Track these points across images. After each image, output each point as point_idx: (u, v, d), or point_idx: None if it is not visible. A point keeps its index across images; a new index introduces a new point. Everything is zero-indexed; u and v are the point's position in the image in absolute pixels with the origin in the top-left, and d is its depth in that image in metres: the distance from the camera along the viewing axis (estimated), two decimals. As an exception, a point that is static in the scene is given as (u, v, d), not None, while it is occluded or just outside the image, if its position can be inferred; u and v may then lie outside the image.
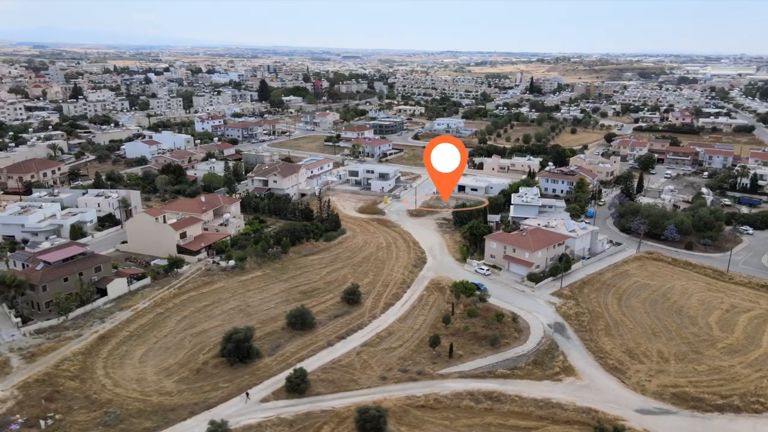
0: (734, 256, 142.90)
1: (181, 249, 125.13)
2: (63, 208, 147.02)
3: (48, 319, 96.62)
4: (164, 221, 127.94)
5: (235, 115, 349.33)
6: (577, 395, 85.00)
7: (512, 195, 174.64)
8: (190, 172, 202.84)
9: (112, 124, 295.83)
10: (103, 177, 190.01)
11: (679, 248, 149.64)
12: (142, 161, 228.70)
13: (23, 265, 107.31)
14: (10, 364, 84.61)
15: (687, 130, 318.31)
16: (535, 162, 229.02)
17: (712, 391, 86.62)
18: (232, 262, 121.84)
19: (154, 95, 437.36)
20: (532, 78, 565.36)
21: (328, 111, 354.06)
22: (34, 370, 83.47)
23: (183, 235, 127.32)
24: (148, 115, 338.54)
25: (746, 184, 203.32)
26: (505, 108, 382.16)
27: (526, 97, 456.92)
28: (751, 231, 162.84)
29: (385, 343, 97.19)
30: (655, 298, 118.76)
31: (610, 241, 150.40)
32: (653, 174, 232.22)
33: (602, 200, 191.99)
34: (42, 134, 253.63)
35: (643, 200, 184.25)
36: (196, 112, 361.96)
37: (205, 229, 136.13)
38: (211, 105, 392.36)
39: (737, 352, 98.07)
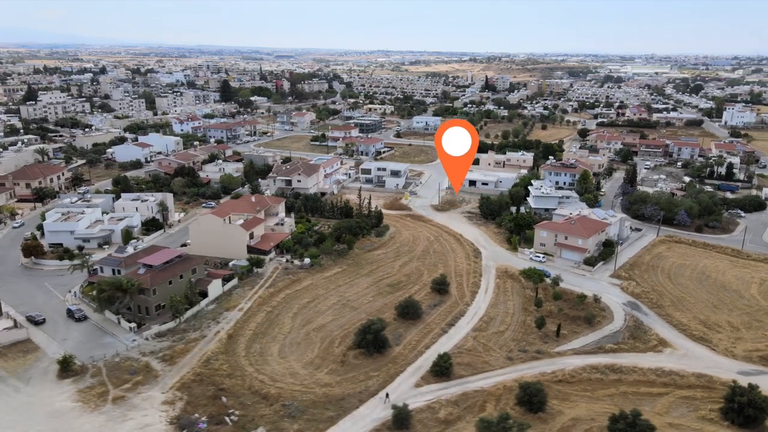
0: (738, 236, 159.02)
1: (251, 249, 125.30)
2: (103, 213, 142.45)
3: (164, 322, 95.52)
4: (229, 222, 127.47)
5: (207, 116, 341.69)
6: (683, 363, 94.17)
7: (530, 188, 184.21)
8: (201, 174, 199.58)
9: (93, 127, 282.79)
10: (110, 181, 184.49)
11: (690, 231, 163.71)
12: (137, 164, 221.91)
13: (113, 270, 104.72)
14: (153, 368, 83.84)
15: (644, 125, 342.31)
16: (528, 156, 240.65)
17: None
18: (307, 260, 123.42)
19: (107, 96, 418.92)
20: (486, 77, 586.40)
21: (305, 111, 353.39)
22: (182, 371, 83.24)
23: (251, 236, 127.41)
24: (116, 117, 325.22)
25: (722, 173, 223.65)
26: (473, 106, 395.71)
27: (485, 95, 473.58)
28: (743, 214, 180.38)
29: (492, 327, 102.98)
30: (697, 275, 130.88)
31: (631, 227, 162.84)
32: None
33: (602, 190, 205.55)
34: (24, 138, 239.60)
35: (641, 189, 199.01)
36: (165, 113, 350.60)
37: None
38: (176, 106, 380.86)
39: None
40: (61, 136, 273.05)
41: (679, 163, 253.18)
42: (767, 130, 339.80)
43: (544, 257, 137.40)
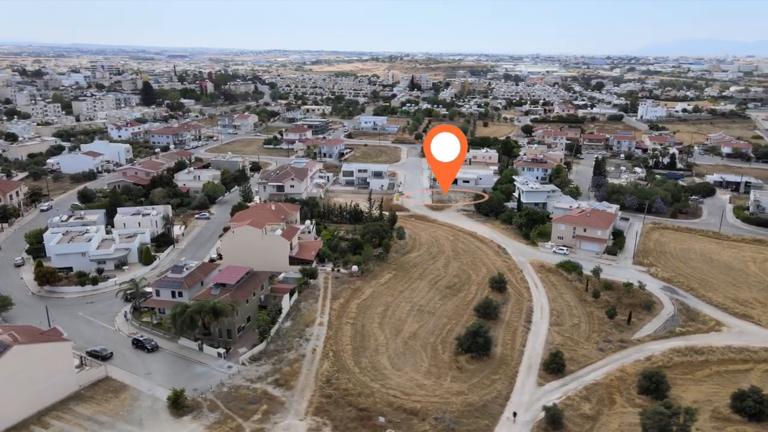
0: (707, 219, 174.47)
1: (293, 260, 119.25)
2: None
3: (254, 344, 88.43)
4: (266, 233, 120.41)
5: (139, 120, 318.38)
6: (744, 340, 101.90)
7: (516, 183, 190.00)
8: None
9: (26, 137, 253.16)
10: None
11: (667, 218, 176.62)
12: (90, 176, 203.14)
13: (173, 293, 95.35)
14: (272, 394, 77.49)
15: (573, 120, 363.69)
16: (493, 153, 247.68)
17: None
18: (354, 268, 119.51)
19: (9, 101, 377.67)
20: (412, 77, 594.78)
21: (247, 114, 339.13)
22: (306, 394, 77.75)
23: (290, 246, 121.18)
24: (38, 124, 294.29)
25: (666, 162, 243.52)
26: (411, 105, 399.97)
27: (414, 94, 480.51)
28: (702, 200, 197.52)
29: (566, 321, 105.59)
30: (701, 258, 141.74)
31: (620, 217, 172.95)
32: (582, 159, 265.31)
33: (572, 184, 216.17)
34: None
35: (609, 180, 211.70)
36: (91, 119, 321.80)
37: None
38: (97, 110, 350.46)
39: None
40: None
41: (622, 155, 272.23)
42: (677, 123, 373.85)
43: (567, 250, 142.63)
